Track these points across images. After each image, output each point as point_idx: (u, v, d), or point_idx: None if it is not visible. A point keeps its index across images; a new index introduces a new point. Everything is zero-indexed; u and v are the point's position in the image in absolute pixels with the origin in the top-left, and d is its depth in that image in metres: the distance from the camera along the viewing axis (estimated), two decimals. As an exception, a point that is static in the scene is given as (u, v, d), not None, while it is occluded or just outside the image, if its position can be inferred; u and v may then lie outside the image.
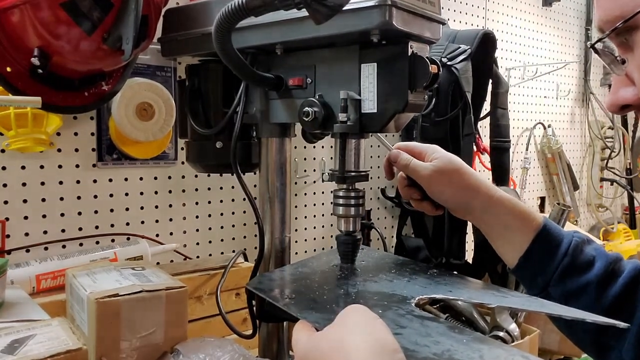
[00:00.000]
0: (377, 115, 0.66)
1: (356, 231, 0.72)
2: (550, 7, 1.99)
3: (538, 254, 0.66)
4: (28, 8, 0.70)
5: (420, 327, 0.51)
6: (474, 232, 1.32)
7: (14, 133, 0.85)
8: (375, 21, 0.61)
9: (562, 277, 0.65)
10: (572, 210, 1.99)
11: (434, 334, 0.49)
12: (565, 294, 0.65)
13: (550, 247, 0.66)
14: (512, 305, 0.58)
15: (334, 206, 0.72)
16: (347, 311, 0.47)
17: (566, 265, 0.65)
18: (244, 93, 0.78)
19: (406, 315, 0.53)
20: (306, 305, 0.58)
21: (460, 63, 1.23)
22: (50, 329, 0.63)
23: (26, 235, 0.92)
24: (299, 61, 0.73)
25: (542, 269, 0.66)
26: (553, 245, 0.66)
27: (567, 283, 0.64)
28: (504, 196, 0.70)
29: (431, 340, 0.48)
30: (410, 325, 0.51)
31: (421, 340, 0.48)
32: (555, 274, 0.65)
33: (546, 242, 0.66)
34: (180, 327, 0.73)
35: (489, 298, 0.59)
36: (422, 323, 0.52)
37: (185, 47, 0.84)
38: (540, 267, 0.66)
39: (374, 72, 0.65)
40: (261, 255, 0.80)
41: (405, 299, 0.58)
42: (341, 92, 0.65)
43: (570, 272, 0.65)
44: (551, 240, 0.67)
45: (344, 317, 0.47)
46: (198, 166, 0.90)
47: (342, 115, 0.65)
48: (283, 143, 0.80)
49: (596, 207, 2.28)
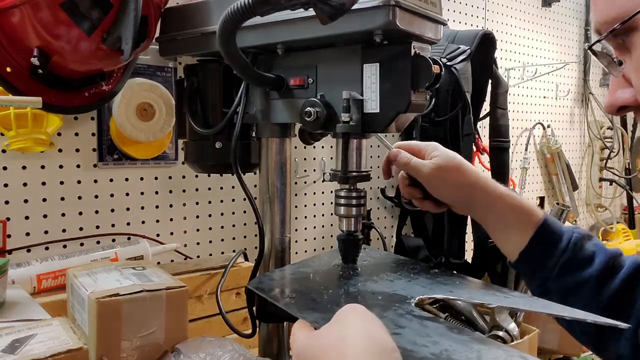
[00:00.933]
0: (379, 115, 0.66)
1: (358, 231, 0.72)
2: (550, 7, 2.00)
3: (538, 249, 0.67)
4: (28, 8, 0.70)
5: (419, 327, 0.51)
6: (474, 232, 1.32)
7: (14, 133, 0.85)
8: (379, 21, 0.61)
9: (561, 273, 0.65)
10: (571, 210, 1.99)
11: (433, 334, 0.49)
12: (564, 289, 0.65)
13: (550, 242, 0.67)
14: (513, 305, 0.58)
15: (335, 206, 0.72)
16: (345, 310, 0.47)
17: (566, 261, 0.65)
18: (244, 93, 0.78)
19: (405, 315, 0.54)
20: (306, 305, 0.58)
21: (460, 63, 1.23)
22: (51, 329, 0.63)
23: (27, 235, 0.92)
24: (301, 61, 0.73)
25: (541, 264, 0.66)
26: (553, 240, 0.67)
27: (566, 278, 0.65)
28: (504, 192, 0.70)
29: (430, 340, 0.48)
30: (409, 325, 0.51)
31: (420, 340, 0.48)
32: (554, 270, 0.65)
33: (546, 238, 0.67)
34: (181, 327, 0.74)
35: (490, 298, 0.59)
36: (421, 323, 0.52)
37: (184, 47, 0.84)
38: (540, 263, 0.67)
39: (377, 72, 0.65)
40: (261, 255, 0.80)
41: (405, 299, 0.58)
42: (344, 92, 0.66)
43: (570, 268, 0.65)
44: (551, 235, 0.67)
45: (342, 316, 0.47)
46: (197, 166, 0.90)
47: (344, 115, 0.65)
48: (283, 143, 0.80)
49: (595, 207, 2.28)
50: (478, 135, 1.45)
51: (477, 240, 1.31)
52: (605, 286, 0.64)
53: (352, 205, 0.70)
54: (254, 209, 0.78)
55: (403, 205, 1.35)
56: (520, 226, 0.68)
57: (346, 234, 0.71)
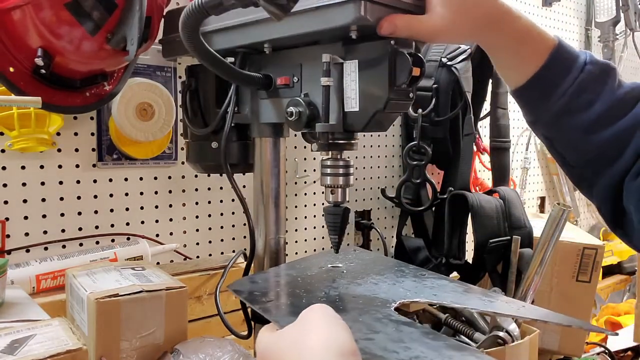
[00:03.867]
0: (359, 113, 0.64)
1: (345, 202, 0.70)
2: (550, 7, 1.99)
3: (553, 70, 0.61)
4: (30, 8, 0.70)
5: (393, 332, 0.50)
6: (474, 233, 1.32)
7: (16, 133, 0.85)
8: (350, 17, 0.59)
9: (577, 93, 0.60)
10: (572, 210, 1.99)
11: (407, 340, 0.48)
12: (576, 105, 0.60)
13: (563, 67, 0.61)
14: (495, 310, 0.56)
15: (322, 176, 0.70)
16: (309, 310, 0.47)
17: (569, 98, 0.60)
18: (235, 93, 0.78)
19: (382, 320, 0.53)
20: (284, 309, 0.57)
21: (460, 63, 1.23)
22: (50, 329, 0.63)
23: (26, 235, 0.92)
24: (287, 60, 0.72)
25: (548, 94, 0.62)
26: (567, 64, 0.61)
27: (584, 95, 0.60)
28: (524, 23, 0.61)
29: (402, 346, 0.47)
30: (384, 330, 0.50)
31: (391, 346, 0.47)
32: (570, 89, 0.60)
33: (562, 59, 0.61)
34: (180, 327, 0.73)
35: (473, 303, 0.58)
36: (396, 328, 0.51)
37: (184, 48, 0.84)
38: (548, 91, 0.62)
39: (356, 70, 0.64)
40: (252, 257, 0.80)
41: (386, 303, 0.57)
42: (322, 79, 0.64)
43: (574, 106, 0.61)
44: (565, 59, 0.61)
45: (305, 316, 0.46)
46: (198, 166, 0.90)
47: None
48: (277, 143, 0.80)
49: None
50: (478, 135, 1.46)
51: (477, 240, 1.31)
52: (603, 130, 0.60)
53: (339, 174, 0.69)
54: (245, 209, 0.78)
55: (403, 205, 1.35)
56: (530, 55, 0.61)
57: (333, 205, 0.70)
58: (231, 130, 0.79)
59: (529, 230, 1.22)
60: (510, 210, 1.23)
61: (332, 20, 0.61)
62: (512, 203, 1.25)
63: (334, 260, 0.76)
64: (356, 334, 0.49)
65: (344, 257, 0.77)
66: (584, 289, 1.32)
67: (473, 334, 1.08)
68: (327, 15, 0.61)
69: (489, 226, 1.21)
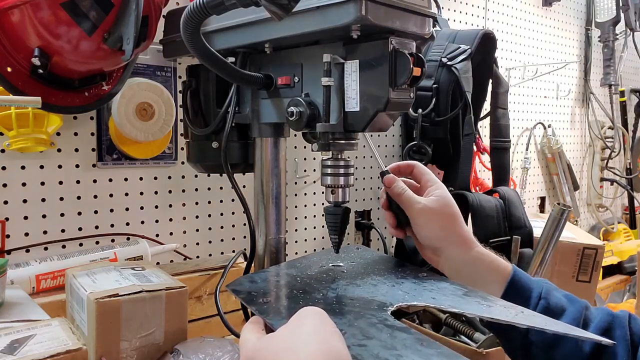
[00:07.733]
0: (359, 114, 0.64)
1: (345, 202, 0.71)
2: (550, 7, 1.99)
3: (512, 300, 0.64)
4: (28, 8, 0.70)
5: (387, 339, 0.49)
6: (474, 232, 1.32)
7: (15, 133, 0.85)
8: (351, 16, 0.59)
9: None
10: (572, 210, 1.98)
11: (399, 347, 0.48)
12: (546, 340, 0.62)
13: (523, 294, 0.65)
14: (493, 316, 0.55)
15: (322, 176, 0.71)
16: (303, 314, 0.46)
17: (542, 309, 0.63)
18: (235, 93, 0.78)
19: (377, 325, 0.52)
20: (280, 311, 0.57)
21: (460, 63, 1.23)
22: (50, 329, 0.63)
23: (26, 235, 0.92)
24: (288, 59, 0.72)
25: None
26: (525, 293, 0.65)
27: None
28: (481, 251, 0.69)
29: (394, 353, 0.47)
30: (378, 336, 0.50)
31: (383, 353, 0.47)
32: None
33: (519, 290, 0.65)
34: (180, 327, 0.73)
35: (472, 307, 0.57)
36: (391, 334, 0.50)
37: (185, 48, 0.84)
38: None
39: (357, 70, 0.64)
40: (252, 256, 0.80)
41: (383, 306, 0.57)
42: (323, 79, 0.64)
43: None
44: (522, 288, 0.65)
45: (299, 320, 0.46)
46: (198, 166, 0.90)
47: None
48: (277, 143, 0.79)
49: (596, 207, 2.28)
50: (478, 135, 1.45)
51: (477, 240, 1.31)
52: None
53: (340, 174, 0.69)
54: (245, 209, 0.78)
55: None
56: (493, 282, 0.66)
57: (334, 204, 0.70)
58: (232, 130, 0.79)
59: (529, 230, 1.22)
60: (511, 210, 1.23)
61: (332, 20, 0.61)
62: (512, 203, 1.25)
63: (335, 259, 0.75)
64: (350, 339, 0.48)
65: (346, 256, 0.77)
66: (584, 289, 1.32)
67: (473, 334, 1.08)
68: (328, 15, 0.61)
69: (489, 226, 1.20)
